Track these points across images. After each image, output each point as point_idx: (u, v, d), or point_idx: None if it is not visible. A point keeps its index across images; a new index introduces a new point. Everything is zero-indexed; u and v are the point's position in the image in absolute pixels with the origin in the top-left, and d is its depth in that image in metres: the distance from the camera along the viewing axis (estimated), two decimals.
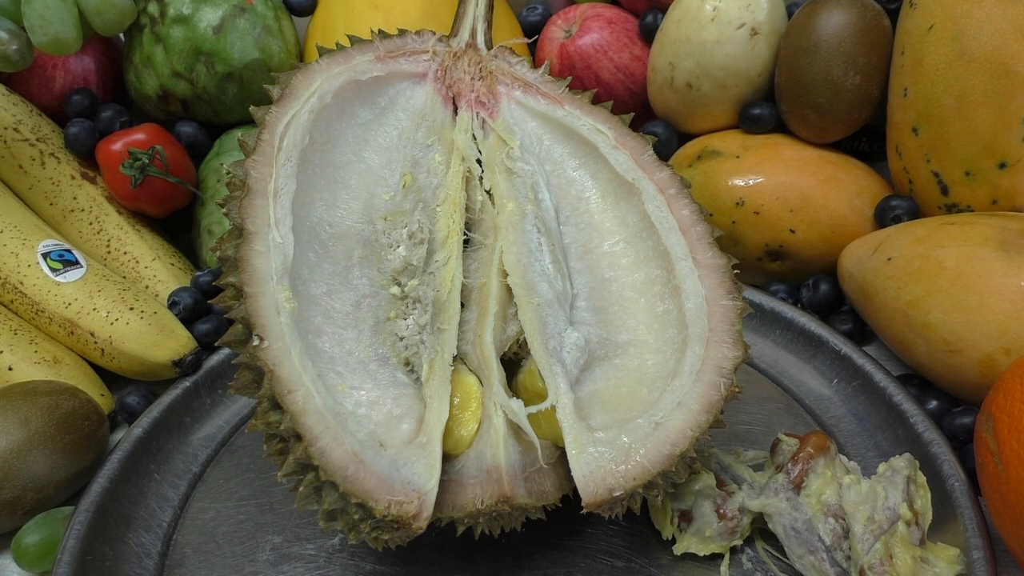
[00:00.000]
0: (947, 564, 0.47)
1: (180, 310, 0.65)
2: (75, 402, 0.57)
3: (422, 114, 0.55)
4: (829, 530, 0.48)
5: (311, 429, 0.41)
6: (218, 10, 0.71)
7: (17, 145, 0.70)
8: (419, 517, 0.42)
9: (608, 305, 0.52)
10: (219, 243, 0.46)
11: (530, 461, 0.47)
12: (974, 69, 0.57)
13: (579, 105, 0.56)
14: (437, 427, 0.45)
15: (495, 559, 0.51)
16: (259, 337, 0.42)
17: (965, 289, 0.53)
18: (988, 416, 0.47)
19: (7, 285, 0.65)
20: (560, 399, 0.46)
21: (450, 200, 0.53)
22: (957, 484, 0.50)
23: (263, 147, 0.48)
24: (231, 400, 0.62)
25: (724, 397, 0.46)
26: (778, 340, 0.64)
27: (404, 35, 0.57)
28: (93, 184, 0.72)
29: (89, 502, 0.53)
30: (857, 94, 0.64)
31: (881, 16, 0.64)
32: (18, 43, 0.64)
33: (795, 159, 0.66)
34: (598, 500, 0.43)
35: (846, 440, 0.57)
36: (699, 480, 0.50)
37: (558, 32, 0.74)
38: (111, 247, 0.70)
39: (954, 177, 0.60)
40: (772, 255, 0.67)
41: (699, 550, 0.50)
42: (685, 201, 0.52)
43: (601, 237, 0.54)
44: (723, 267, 0.50)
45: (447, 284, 0.50)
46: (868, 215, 0.65)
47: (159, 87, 0.73)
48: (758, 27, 0.66)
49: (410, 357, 0.49)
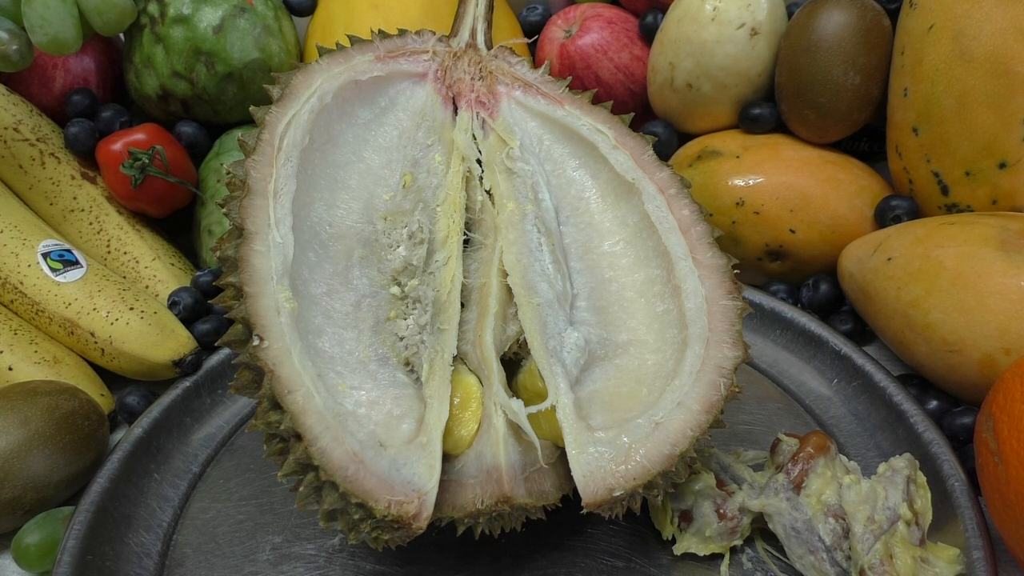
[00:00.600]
0: (947, 564, 0.47)
1: (180, 310, 0.65)
2: (75, 402, 0.57)
3: (422, 114, 0.55)
4: (829, 530, 0.48)
5: (311, 429, 0.41)
6: (218, 10, 0.71)
7: (17, 145, 0.70)
8: (419, 517, 0.42)
9: (608, 305, 0.52)
10: (219, 243, 0.46)
11: (530, 461, 0.47)
12: (974, 69, 0.57)
13: (579, 105, 0.56)
14: (437, 427, 0.45)
15: (495, 559, 0.51)
16: (259, 337, 0.42)
17: (965, 289, 0.53)
18: (988, 416, 0.47)
19: (7, 285, 0.65)
20: (560, 399, 0.46)
21: (450, 200, 0.53)
22: (957, 484, 0.50)
23: (263, 147, 0.48)
24: (231, 400, 0.62)
25: (724, 397, 0.46)
26: (778, 340, 0.64)
27: (404, 35, 0.57)
28: (93, 184, 0.72)
29: (89, 502, 0.53)
30: (857, 94, 0.64)
31: (881, 16, 0.64)
32: (18, 43, 0.64)
33: (795, 159, 0.66)
34: (598, 500, 0.43)
35: (846, 440, 0.57)
36: (699, 480, 0.50)
37: (558, 32, 0.74)
38: (111, 247, 0.70)
39: (954, 177, 0.60)
40: (772, 255, 0.67)
41: (699, 550, 0.50)
42: (685, 201, 0.52)
43: (601, 237, 0.54)
44: (723, 267, 0.50)
45: (447, 284, 0.50)
46: (868, 215, 0.65)
47: (159, 87, 0.73)
48: (758, 27, 0.66)
49: (410, 357, 0.49)
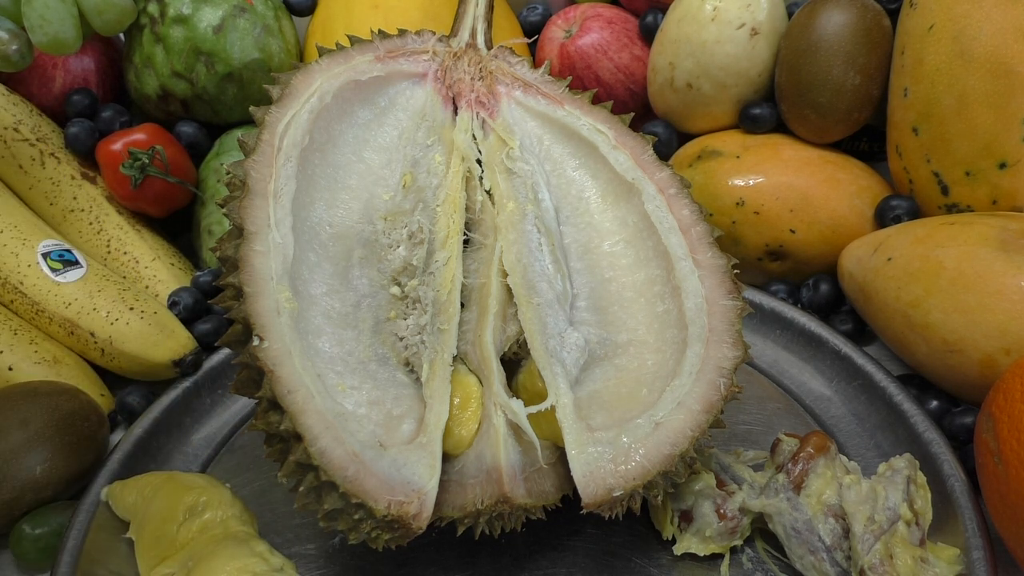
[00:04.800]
0: (947, 564, 0.47)
1: (180, 310, 0.65)
2: (75, 403, 0.57)
3: (422, 114, 0.55)
4: (829, 530, 0.48)
5: (311, 429, 0.41)
6: (218, 10, 0.71)
7: (17, 145, 0.70)
8: (419, 517, 0.42)
9: (608, 305, 0.52)
10: (219, 243, 0.46)
11: (530, 461, 0.47)
12: (974, 69, 0.57)
13: (579, 105, 0.56)
14: (437, 427, 0.45)
15: (495, 559, 0.51)
16: (259, 337, 0.42)
17: (965, 289, 0.53)
18: (988, 416, 0.47)
19: (7, 285, 0.65)
20: (560, 399, 0.46)
21: (450, 200, 0.53)
22: (957, 484, 0.50)
23: (263, 147, 0.48)
24: (231, 400, 0.62)
25: (724, 397, 0.46)
26: (778, 340, 0.64)
27: (404, 35, 0.57)
28: (93, 184, 0.72)
29: (89, 502, 0.53)
30: (857, 94, 0.64)
31: (881, 16, 0.64)
32: (18, 43, 0.64)
33: (795, 159, 0.66)
34: (598, 500, 0.43)
35: (846, 440, 0.57)
36: (699, 480, 0.50)
37: (558, 32, 0.74)
38: (111, 247, 0.70)
39: (954, 177, 0.60)
40: (772, 255, 0.67)
41: (699, 550, 0.50)
42: (685, 201, 0.52)
43: (601, 237, 0.54)
44: (723, 267, 0.50)
45: (447, 284, 0.50)
46: (868, 215, 0.65)
47: (159, 87, 0.73)
48: (758, 27, 0.66)
49: (410, 357, 0.49)
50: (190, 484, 0.51)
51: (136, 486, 0.53)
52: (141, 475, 0.54)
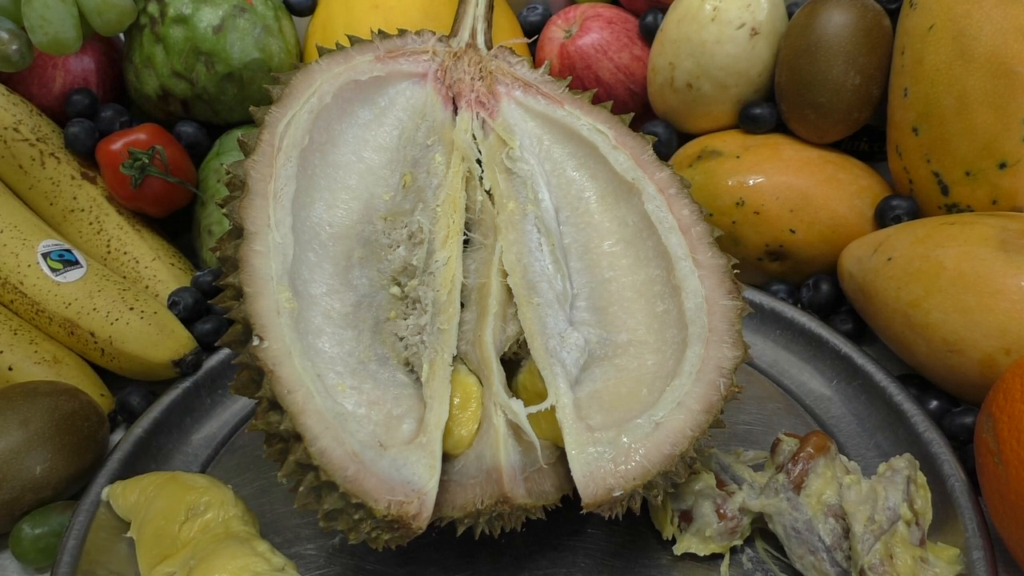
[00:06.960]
0: (947, 564, 0.47)
1: (180, 310, 0.65)
2: (75, 403, 0.57)
3: (422, 114, 0.55)
4: (829, 530, 0.48)
5: (311, 429, 0.41)
6: (218, 10, 0.71)
7: (17, 145, 0.70)
8: (419, 517, 0.42)
9: (608, 305, 0.52)
10: (219, 243, 0.46)
11: (530, 461, 0.47)
12: (974, 69, 0.57)
13: (579, 105, 0.56)
14: (437, 427, 0.45)
15: (495, 559, 0.51)
16: (259, 337, 0.42)
17: (965, 289, 0.53)
18: (988, 416, 0.47)
19: (7, 285, 0.65)
20: (560, 399, 0.46)
21: (450, 200, 0.53)
22: (957, 484, 0.50)
23: (263, 147, 0.48)
24: (231, 400, 0.62)
25: (724, 397, 0.46)
26: (778, 340, 0.64)
27: (404, 35, 0.57)
28: (93, 184, 0.72)
29: (89, 502, 0.53)
30: (857, 94, 0.64)
31: (881, 16, 0.64)
32: (18, 43, 0.64)
33: (795, 159, 0.66)
34: (598, 500, 0.43)
35: (846, 440, 0.57)
36: (699, 480, 0.50)
37: (558, 32, 0.74)
38: (111, 247, 0.70)
39: (954, 177, 0.60)
40: (772, 255, 0.67)
41: (699, 550, 0.50)
42: (685, 201, 0.52)
43: (601, 237, 0.54)
44: (723, 267, 0.50)
45: (447, 284, 0.50)
46: (868, 215, 0.65)
47: (159, 87, 0.73)
48: (758, 27, 0.66)
49: (410, 357, 0.49)
50: (192, 484, 0.52)
51: (138, 486, 0.53)
52: (143, 475, 0.54)
